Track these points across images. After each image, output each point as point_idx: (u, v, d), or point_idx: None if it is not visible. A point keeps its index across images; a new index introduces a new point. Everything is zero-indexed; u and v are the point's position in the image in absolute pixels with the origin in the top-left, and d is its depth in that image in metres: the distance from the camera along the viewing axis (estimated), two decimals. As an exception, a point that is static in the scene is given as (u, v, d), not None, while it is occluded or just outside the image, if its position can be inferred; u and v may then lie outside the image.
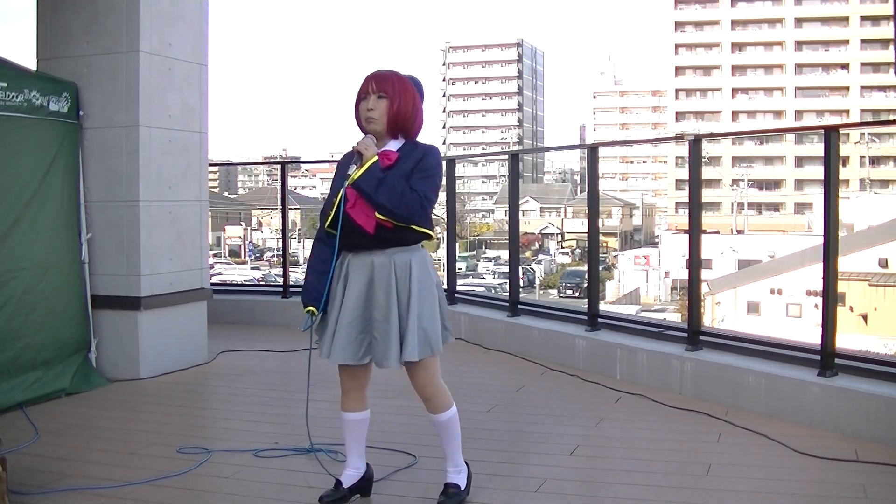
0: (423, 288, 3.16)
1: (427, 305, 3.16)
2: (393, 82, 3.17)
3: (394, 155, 3.15)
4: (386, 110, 3.15)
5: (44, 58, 5.60)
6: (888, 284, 22.98)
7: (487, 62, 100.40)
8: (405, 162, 3.13)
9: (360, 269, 3.17)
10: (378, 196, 3.05)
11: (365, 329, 3.17)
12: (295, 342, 6.74)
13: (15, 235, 4.93)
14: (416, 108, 3.20)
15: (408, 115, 3.18)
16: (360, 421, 3.34)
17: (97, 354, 5.45)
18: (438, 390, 3.26)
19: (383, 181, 3.06)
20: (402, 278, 3.14)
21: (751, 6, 75.19)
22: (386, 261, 3.14)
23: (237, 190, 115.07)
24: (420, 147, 3.20)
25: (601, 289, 18.84)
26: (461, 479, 3.33)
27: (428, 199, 3.10)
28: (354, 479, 3.35)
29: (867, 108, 69.39)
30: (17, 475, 3.44)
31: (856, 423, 4.10)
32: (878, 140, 65.01)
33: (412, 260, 3.16)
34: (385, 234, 3.11)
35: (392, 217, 3.07)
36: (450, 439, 3.32)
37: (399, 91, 3.16)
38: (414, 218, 3.08)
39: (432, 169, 3.15)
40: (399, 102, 3.15)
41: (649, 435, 4.26)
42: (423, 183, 3.11)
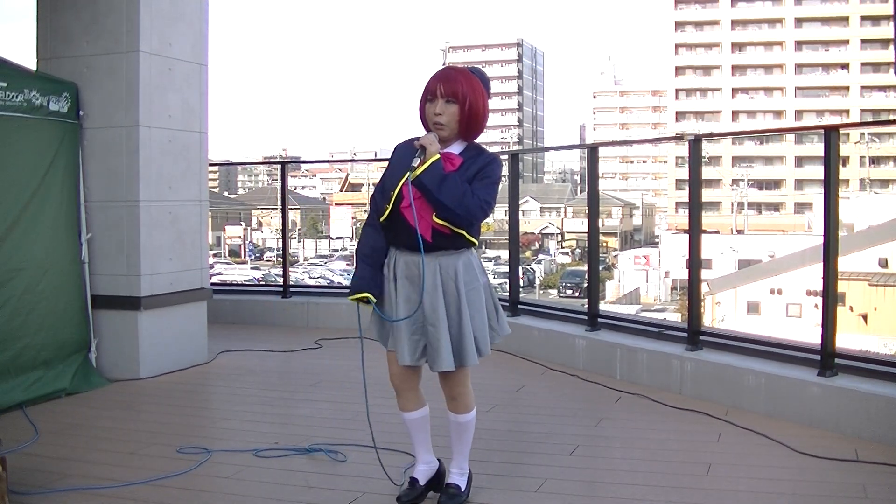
0: (471, 291, 3.11)
1: (476, 310, 3.12)
2: (462, 85, 3.03)
3: (458, 160, 3.06)
4: (456, 115, 3.04)
5: (44, 58, 5.60)
6: (888, 284, 22.99)
7: (487, 62, 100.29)
8: (469, 168, 3.04)
9: (407, 270, 3.11)
10: (440, 194, 2.95)
11: (417, 331, 3.12)
12: (295, 342, 6.74)
13: (15, 235, 4.93)
14: (485, 108, 3.10)
15: (479, 119, 3.08)
16: (421, 419, 3.30)
17: (97, 354, 5.45)
18: (467, 390, 3.25)
19: (446, 179, 2.96)
20: (447, 282, 3.08)
21: (751, 6, 75.20)
22: (432, 263, 3.07)
23: (237, 190, 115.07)
24: (484, 154, 3.10)
25: (601, 289, 18.84)
26: (463, 480, 3.31)
27: (488, 203, 3.01)
28: (429, 473, 3.32)
29: (867, 108, 69.41)
30: (17, 475, 3.44)
31: (856, 423, 4.10)
32: (878, 140, 65.02)
33: (459, 263, 3.09)
34: (441, 240, 3.04)
35: (452, 218, 2.98)
36: (463, 441, 3.30)
37: (468, 94, 3.03)
38: (474, 221, 3.02)
39: (495, 176, 3.07)
40: (469, 106, 3.03)
41: (649, 435, 4.26)
42: (485, 188, 3.02)
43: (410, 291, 3.11)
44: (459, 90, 3.02)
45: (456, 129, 3.07)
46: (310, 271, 42.12)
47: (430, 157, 2.99)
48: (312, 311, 7.58)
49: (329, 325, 7.38)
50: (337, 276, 40.26)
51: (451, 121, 3.05)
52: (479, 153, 3.11)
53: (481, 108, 3.07)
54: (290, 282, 8.06)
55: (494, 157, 3.11)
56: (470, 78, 3.07)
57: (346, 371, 5.70)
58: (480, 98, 3.07)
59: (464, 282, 3.09)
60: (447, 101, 3.03)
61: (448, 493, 3.26)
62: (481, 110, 3.07)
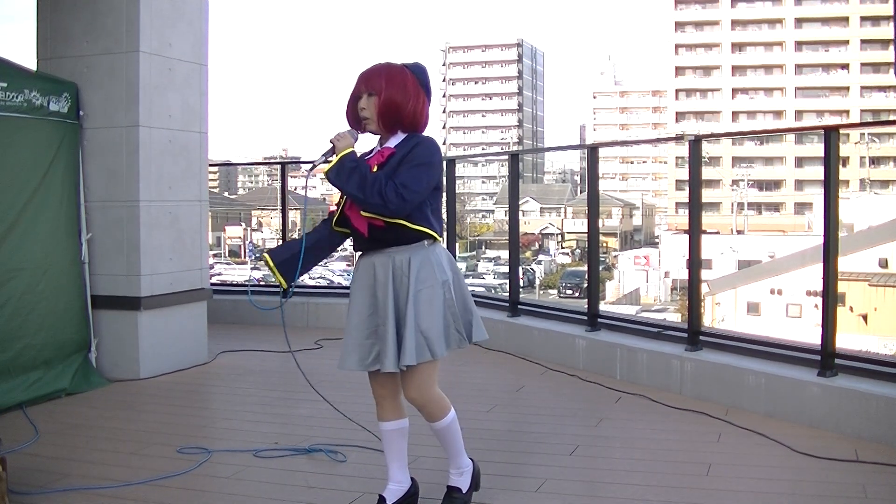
0: (424, 288, 2.95)
1: (426, 307, 2.95)
2: (381, 76, 2.97)
3: (388, 151, 2.98)
4: (375, 106, 2.98)
5: (44, 58, 5.60)
6: (888, 284, 22.99)
7: (487, 62, 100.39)
8: (398, 155, 2.95)
9: (364, 272, 3.05)
10: (349, 186, 2.87)
11: (371, 335, 3.02)
12: (295, 342, 6.73)
13: (15, 235, 4.93)
14: (407, 95, 2.98)
15: (396, 104, 2.96)
16: (396, 431, 3.13)
17: (97, 354, 5.45)
18: (432, 398, 3.06)
19: (354, 171, 2.87)
20: (399, 278, 2.97)
21: (751, 6, 75.18)
22: (385, 261, 2.98)
23: (237, 190, 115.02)
24: (415, 138, 3.00)
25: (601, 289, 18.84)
26: (463, 481, 3.21)
27: (406, 186, 2.85)
28: (398, 494, 3.14)
29: (867, 108, 69.39)
30: (17, 475, 3.44)
31: (856, 423, 4.10)
32: (878, 140, 65.00)
33: (411, 258, 2.96)
34: (378, 233, 2.96)
35: (368, 208, 2.89)
36: (450, 444, 3.17)
37: (386, 82, 2.96)
38: (390, 207, 2.84)
39: (419, 158, 2.92)
40: (385, 93, 2.95)
41: (649, 435, 4.26)
42: (406, 171, 2.88)
43: (364, 293, 3.03)
44: (377, 82, 2.98)
45: (377, 120, 3.00)
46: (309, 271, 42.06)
47: (340, 153, 2.93)
48: (312, 311, 7.58)
49: (329, 325, 7.38)
50: (337, 277, 40.27)
51: (372, 113, 2.99)
52: (410, 140, 3.01)
53: (400, 96, 2.97)
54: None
55: (423, 139, 3.00)
56: (393, 69, 3.02)
57: (346, 371, 5.69)
58: (399, 85, 2.98)
59: (417, 279, 2.95)
60: (369, 94, 2.99)
61: (451, 498, 3.19)
62: (400, 99, 2.97)
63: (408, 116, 3.00)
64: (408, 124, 3.02)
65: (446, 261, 3.06)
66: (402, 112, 2.99)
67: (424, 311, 2.95)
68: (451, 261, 3.10)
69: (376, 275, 3.01)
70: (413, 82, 3.02)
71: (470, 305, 3.12)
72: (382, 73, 2.99)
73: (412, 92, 3.00)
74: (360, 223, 2.98)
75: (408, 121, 3.01)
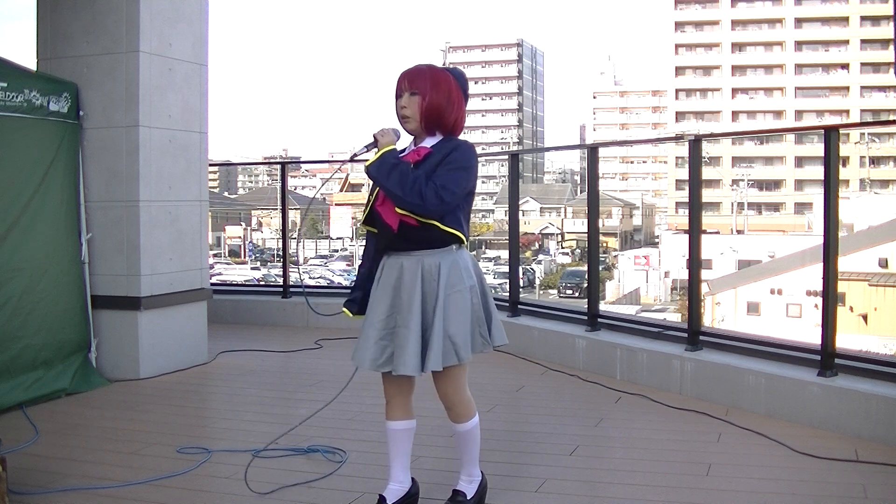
0: (453, 293, 2.98)
1: (455, 312, 2.97)
2: (425, 77, 3.03)
3: (425, 151, 3.03)
4: (418, 107, 3.02)
5: (44, 58, 5.60)
6: (888, 284, 22.98)
7: (487, 62, 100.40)
8: (435, 157, 2.99)
9: (389, 271, 3.06)
10: (389, 182, 2.90)
11: (387, 335, 3.03)
12: (295, 342, 6.74)
13: (14, 235, 4.93)
14: (451, 101, 3.04)
15: (441, 109, 3.02)
16: (403, 431, 3.15)
17: (97, 354, 5.45)
18: (462, 400, 3.11)
19: (396, 168, 2.92)
20: (428, 282, 2.99)
21: (751, 6, 75.18)
22: (414, 263, 3.00)
23: (237, 190, 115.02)
24: (453, 142, 3.04)
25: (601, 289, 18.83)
26: (471, 488, 3.22)
27: (446, 188, 2.89)
28: (399, 494, 3.15)
29: (867, 108, 69.38)
30: (17, 475, 3.44)
31: (856, 423, 4.10)
32: (878, 140, 64.99)
33: (441, 263, 2.99)
34: (409, 232, 2.98)
35: (405, 206, 2.92)
36: (467, 449, 3.20)
37: (432, 85, 3.01)
38: (429, 206, 2.89)
39: (458, 161, 2.96)
40: (431, 97, 3.01)
41: (649, 435, 4.26)
42: (445, 174, 2.92)
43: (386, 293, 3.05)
44: (421, 82, 3.02)
45: (419, 121, 3.04)
46: (310, 272, 42.12)
47: (383, 148, 2.98)
48: (312, 312, 7.57)
49: (329, 325, 7.37)
50: (337, 277, 40.28)
51: (415, 112, 3.03)
52: (447, 142, 3.05)
53: (445, 99, 3.03)
54: (290, 282, 8.05)
55: (462, 143, 3.05)
56: (437, 71, 3.07)
57: (347, 371, 5.68)
58: (444, 89, 3.03)
59: (447, 283, 2.98)
60: (411, 93, 3.03)
61: (455, 500, 3.19)
62: (445, 101, 3.03)
63: (450, 122, 3.07)
64: (448, 129, 3.08)
65: (472, 266, 3.11)
66: (446, 117, 3.05)
67: (453, 315, 2.98)
68: (476, 266, 3.15)
69: (403, 277, 3.02)
70: (456, 88, 3.08)
71: (492, 310, 3.15)
72: (427, 76, 3.04)
73: (455, 98, 3.07)
74: (392, 219, 3.00)
75: (449, 126, 3.07)
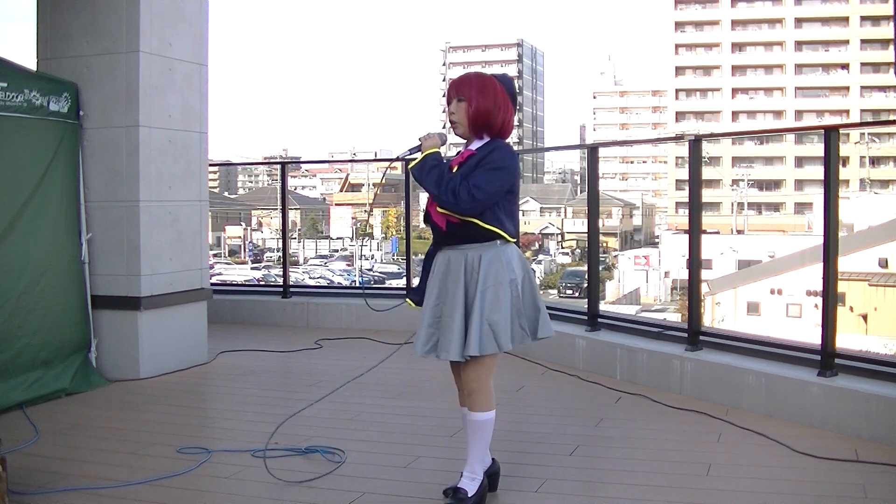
0: (492, 283, 3.15)
1: (492, 300, 3.14)
2: (472, 83, 3.21)
3: (468, 153, 3.22)
4: (465, 113, 3.20)
5: (44, 58, 5.60)
6: (888, 284, 22.98)
7: (487, 62, 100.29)
8: (475, 159, 3.18)
9: (439, 264, 3.28)
10: (427, 182, 3.15)
11: (434, 323, 3.23)
12: (295, 342, 6.74)
13: (14, 235, 4.93)
14: (497, 105, 3.21)
15: (488, 113, 3.19)
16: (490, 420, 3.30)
17: (97, 354, 5.45)
18: (484, 388, 3.24)
19: (434, 168, 3.15)
20: (470, 273, 3.18)
21: (751, 6, 75.16)
22: (459, 256, 3.21)
23: (237, 190, 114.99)
24: (494, 143, 3.22)
25: (601, 289, 18.83)
26: (472, 486, 3.25)
27: (479, 187, 3.08)
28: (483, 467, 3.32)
29: (867, 108, 69.36)
30: (17, 475, 3.44)
31: (856, 423, 4.10)
32: (878, 140, 64.97)
33: (482, 256, 3.18)
34: (454, 229, 3.19)
35: (442, 204, 3.14)
36: (475, 442, 3.27)
37: (477, 91, 3.20)
38: (461, 205, 3.09)
39: (494, 162, 3.14)
40: (477, 102, 3.19)
41: (649, 435, 4.26)
42: (480, 174, 3.11)
43: (436, 285, 3.26)
44: (467, 89, 3.21)
45: (468, 126, 3.22)
46: (310, 271, 42.12)
47: (426, 151, 3.23)
48: (312, 311, 7.59)
49: (329, 325, 7.38)
50: (337, 277, 40.27)
51: (462, 118, 3.22)
52: (489, 144, 3.22)
53: (491, 104, 3.19)
54: (290, 282, 8.06)
55: (501, 145, 3.22)
56: (483, 78, 3.24)
57: (347, 371, 5.69)
58: (490, 94, 3.20)
59: (486, 275, 3.16)
60: (458, 100, 3.23)
61: (456, 497, 3.23)
62: (491, 107, 3.19)
63: (498, 125, 3.24)
64: (496, 132, 3.25)
65: (517, 260, 3.26)
66: (493, 120, 3.22)
67: (492, 305, 3.15)
68: (522, 260, 3.30)
69: (449, 268, 3.24)
70: (502, 92, 3.24)
71: (539, 303, 3.30)
72: (474, 83, 3.23)
73: (502, 102, 3.23)
74: (439, 219, 3.23)
75: (497, 128, 3.25)
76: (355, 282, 36.27)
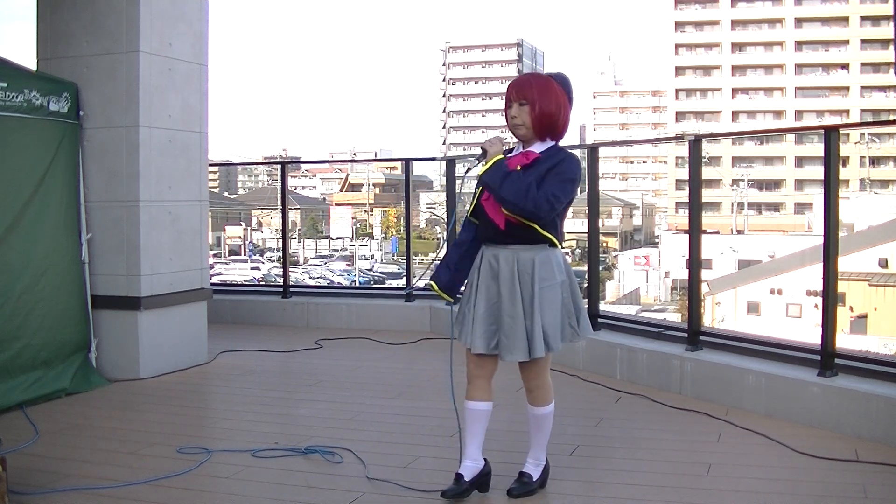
0: (546, 288, 3.22)
1: (548, 304, 3.22)
2: (532, 86, 3.24)
3: (533, 155, 3.24)
4: (528, 115, 3.23)
5: (44, 58, 5.60)
6: (888, 284, 22.99)
7: (487, 62, 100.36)
8: (543, 164, 3.20)
9: (489, 262, 3.29)
10: (502, 191, 3.15)
11: (494, 322, 3.26)
12: (295, 342, 6.74)
13: (14, 235, 4.93)
14: (560, 107, 3.26)
15: (552, 116, 3.24)
16: (482, 411, 3.37)
17: (97, 354, 5.45)
18: (545, 384, 3.37)
19: (508, 176, 3.16)
20: (524, 275, 3.23)
21: (751, 6, 75.15)
22: (510, 257, 3.24)
23: (237, 190, 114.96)
24: (561, 152, 3.26)
25: (601, 289, 18.83)
26: (537, 471, 3.43)
27: (556, 197, 3.15)
28: (475, 471, 3.36)
29: (867, 108, 69.33)
30: (17, 475, 3.44)
31: (856, 423, 4.10)
32: (878, 140, 64.94)
33: (536, 258, 3.23)
34: (513, 230, 3.22)
35: (518, 212, 3.16)
36: (540, 433, 3.42)
37: (539, 94, 3.23)
38: (540, 214, 3.14)
39: (567, 173, 3.20)
40: (540, 105, 3.22)
41: (649, 435, 4.26)
42: (555, 183, 3.16)
43: (489, 283, 3.28)
44: (529, 92, 3.24)
45: (531, 128, 3.26)
46: (310, 271, 42.12)
47: (492, 158, 3.23)
48: (312, 311, 7.58)
49: (329, 325, 7.38)
50: (337, 277, 40.28)
51: (525, 121, 3.25)
52: (556, 152, 3.26)
53: (554, 106, 3.24)
54: (290, 282, 8.06)
55: (569, 155, 3.27)
56: (542, 81, 3.27)
57: (346, 371, 5.70)
58: (553, 97, 3.24)
59: (539, 277, 3.23)
60: (520, 103, 3.26)
61: (521, 481, 3.38)
62: (554, 110, 3.24)
63: (560, 125, 3.29)
64: (559, 132, 3.30)
65: (563, 263, 3.34)
66: (556, 121, 3.27)
67: (547, 307, 3.24)
68: (566, 263, 3.37)
69: (501, 268, 3.26)
70: (561, 93, 3.28)
71: (580, 304, 3.40)
72: (534, 85, 3.26)
73: (562, 102, 3.28)
74: (499, 218, 3.24)
75: (560, 129, 3.30)
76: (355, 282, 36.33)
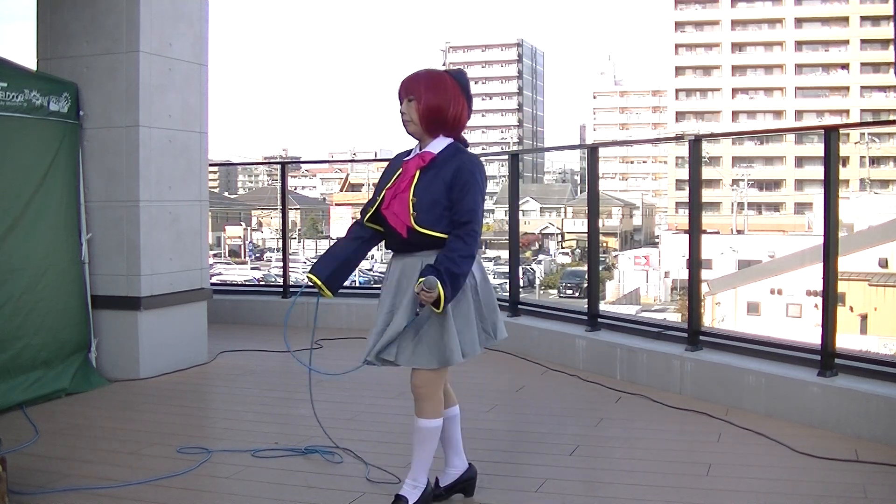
0: None
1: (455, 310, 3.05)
2: (420, 81, 3.12)
3: (429, 156, 3.11)
4: (415, 110, 3.11)
5: (44, 58, 5.60)
6: (888, 284, 22.98)
7: (487, 62, 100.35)
8: (441, 167, 3.06)
9: (394, 271, 3.17)
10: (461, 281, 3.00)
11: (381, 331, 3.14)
12: (295, 342, 6.72)
13: (15, 235, 4.93)
14: (448, 99, 3.10)
15: (440, 111, 3.10)
16: (447, 419, 3.25)
17: (97, 354, 5.45)
18: (426, 393, 3.12)
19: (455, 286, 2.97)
20: None
21: (751, 6, 75.16)
22: (415, 262, 3.09)
23: (237, 190, 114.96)
24: (457, 156, 3.10)
25: (601, 289, 18.83)
26: (414, 494, 3.17)
27: (474, 211, 3.03)
28: (452, 477, 3.32)
29: (867, 108, 69.34)
30: (17, 475, 3.44)
31: (856, 423, 4.10)
32: (878, 140, 64.95)
33: None
34: (417, 237, 3.06)
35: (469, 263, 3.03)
36: (420, 449, 3.16)
37: (426, 88, 3.10)
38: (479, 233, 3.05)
39: (470, 183, 3.04)
40: (426, 99, 3.09)
41: (649, 435, 4.26)
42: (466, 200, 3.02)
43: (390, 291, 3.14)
44: (415, 87, 3.11)
45: (419, 123, 3.13)
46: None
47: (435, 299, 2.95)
48: (312, 311, 7.57)
49: (329, 325, 7.38)
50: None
51: (413, 117, 3.13)
52: (452, 154, 3.11)
53: (441, 102, 3.09)
54: (290, 282, 8.06)
55: (465, 160, 3.09)
56: (433, 76, 3.14)
57: (346, 371, 5.69)
58: (440, 92, 3.10)
59: None
60: (409, 100, 3.13)
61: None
62: (441, 103, 3.09)
63: (450, 120, 3.13)
64: (450, 127, 3.15)
65: (475, 264, 3.14)
66: (445, 115, 3.12)
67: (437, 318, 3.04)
68: (478, 263, 3.18)
69: (405, 274, 3.11)
70: (453, 86, 3.14)
71: (495, 306, 3.23)
72: (422, 80, 3.13)
73: (452, 96, 3.13)
74: (400, 226, 3.09)
75: (450, 124, 3.14)
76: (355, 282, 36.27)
